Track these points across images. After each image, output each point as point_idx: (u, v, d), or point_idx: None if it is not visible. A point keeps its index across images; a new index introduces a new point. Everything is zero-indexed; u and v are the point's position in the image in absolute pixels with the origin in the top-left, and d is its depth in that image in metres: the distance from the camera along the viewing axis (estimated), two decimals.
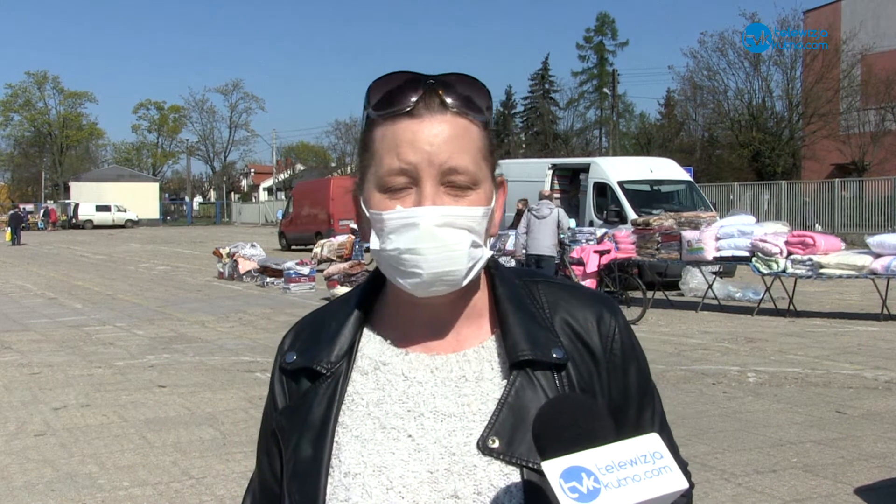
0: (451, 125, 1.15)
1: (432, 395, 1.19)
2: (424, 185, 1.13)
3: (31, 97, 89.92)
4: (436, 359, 1.21)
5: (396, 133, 1.14)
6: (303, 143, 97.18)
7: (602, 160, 21.05)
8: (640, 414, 1.26)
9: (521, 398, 1.15)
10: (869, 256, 12.33)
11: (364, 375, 1.23)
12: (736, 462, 5.87)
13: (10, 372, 9.52)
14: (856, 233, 26.35)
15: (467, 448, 1.14)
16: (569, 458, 0.97)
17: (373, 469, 1.15)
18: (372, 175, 1.17)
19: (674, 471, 0.98)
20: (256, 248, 21.43)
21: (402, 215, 1.13)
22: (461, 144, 1.14)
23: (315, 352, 1.25)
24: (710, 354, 10.15)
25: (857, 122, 38.33)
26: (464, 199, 1.14)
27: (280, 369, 1.29)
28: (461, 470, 1.13)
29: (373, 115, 1.17)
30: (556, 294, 1.26)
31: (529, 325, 1.20)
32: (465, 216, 1.14)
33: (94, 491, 5.48)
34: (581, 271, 13.80)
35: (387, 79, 1.18)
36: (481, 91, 1.19)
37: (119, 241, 43.88)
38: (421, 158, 1.13)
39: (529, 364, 1.17)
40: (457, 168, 1.13)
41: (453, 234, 1.13)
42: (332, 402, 1.21)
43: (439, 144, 1.13)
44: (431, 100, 1.15)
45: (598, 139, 68.64)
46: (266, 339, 11.50)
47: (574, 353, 1.20)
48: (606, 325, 1.24)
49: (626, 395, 1.24)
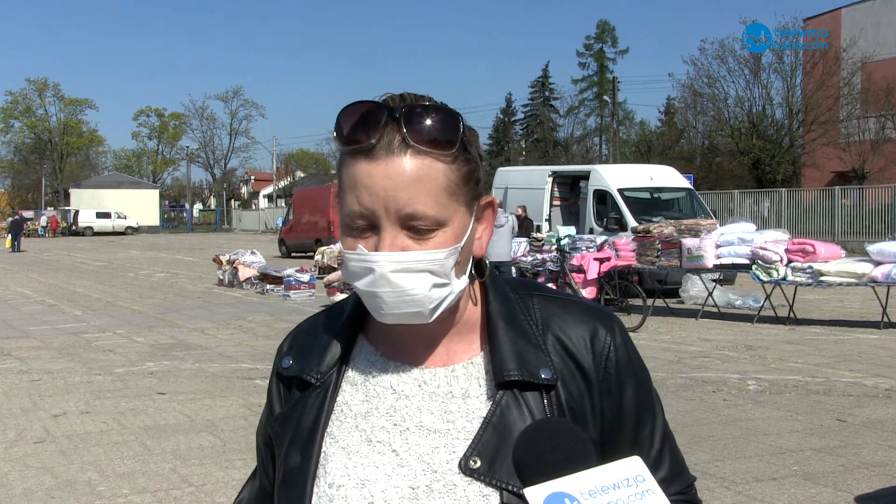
0: (410, 167, 1.09)
1: (419, 410, 1.18)
2: (383, 230, 1.10)
3: (31, 104, 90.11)
4: (424, 372, 1.21)
5: (355, 175, 1.11)
6: (303, 151, 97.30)
7: (602, 168, 21.07)
8: (638, 430, 1.23)
9: (505, 419, 1.14)
10: (869, 264, 12.33)
11: (354, 386, 1.23)
12: (736, 470, 5.86)
13: (9, 379, 9.51)
14: (856, 241, 26.36)
15: (449, 466, 1.13)
16: (551, 485, 0.98)
17: (356, 482, 1.15)
18: (340, 211, 1.15)
19: (657, 493, 0.99)
20: (256, 256, 21.42)
21: (360, 258, 1.12)
22: (421, 188, 1.09)
23: (307, 361, 1.26)
24: (711, 362, 10.14)
25: (857, 129, 38.35)
26: (427, 241, 1.11)
27: (277, 374, 1.30)
28: (441, 488, 1.12)
29: (339, 149, 1.15)
30: (549, 309, 1.23)
31: (519, 343, 1.18)
32: (423, 260, 1.11)
33: (93, 498, 5.47)
34: (581, 279, 13.81)
35: (350, 110, 1.14)
36: (450, 122, 1.13)
37: (119, 248, 43.90)
38: (377, 205, 1.09)
39: (517, 384, 1.16)
40: (415, 214, 1.09)
41: (410, 278, 1.10)
42: (320, 412, 1.21)
43: (395, 190, 1.08)
44: (392, 136, 1.10)
45: (598, 146, 68.74)
46: (266, 347, 11.49)
47: (565, 373, 1.18)
48: (601, 342, 1.21)
49: (622, 413, 1.22)
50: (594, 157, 63.60)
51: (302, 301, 17.48)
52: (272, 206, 79.14)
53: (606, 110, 66.11)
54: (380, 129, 1.10)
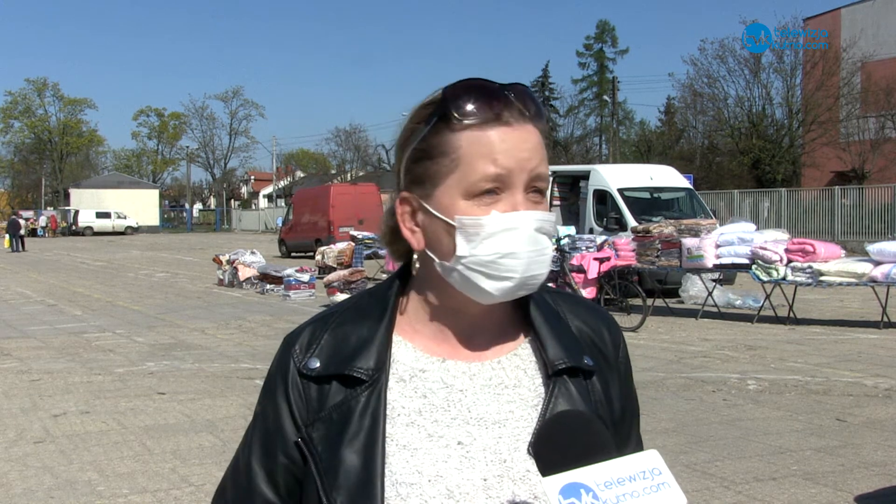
0: (533, 133, 1.18)
1: (474, 403, 1.20)
2: (516, 191, 1.15)
3: (31, 104, 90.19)
4: (472, 366, 1.22)
5: (490, 139, 1.15)
6: (303, 150, 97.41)
7: (602, 167, 21.05)
8: (634, 417, 1.31)
9: (559, 406, 1.18)
10: (869, 264, 12.33)
11: (401, 383, 1.21)
12: (736, 470, 5.86)
13: (9, 379, 9.51)
14: (856, 240, 26.35)
15: (518, 454, 1.16)
16: (568, 475, 0.98)
17: (429, 478, 1.14)
18: (455, 181, 1.15)
19: (672, 487, 0.99)
20: (256, 255, 21.42)
21: (504, 220, 1.15)
22: (541, 153, 1.18)
23: (345, 360, 1.20)
24: (710, 362, 10.14)
25: (857, 129, 38.36)
26: (541, 205, 1.18)
27: (300, 374, 1.22)
28: (515, 476, 1.15)
29: (458, 121, 1.16)
30: (566, 303, 1.30)
31: (561, 333, 1.24)
32: (550, 222, 1.19)
33: (93, 498, 5.47)
34: (581, 279, 13.80)
35: (467, 85, 1.18)
36: (539, 101, 1.22)
37: (119, 248, 43.90)
38: (515, 165, 1.15)
39: (565, 371, 1.21)
40: (541, 175, 1.18)
41: (544, 238, 1.17)
42: (377, 410, 1.17)
43: (530, 151, 1.16)
44: (513, 108, 1.17)
45: (598, 146, 68.77)
46: (266, 347, 11.49)
47: (599, 361, 1.25)
48: (614, 334, 1.30)
49: (630, 399, 1.30)
50: (594, 157, 63.63)
51: (302, 301, 17.47)
52: (272, 206, 79.11)
53: (606, 110, 66.13)
54: (503, 101, 1.17)
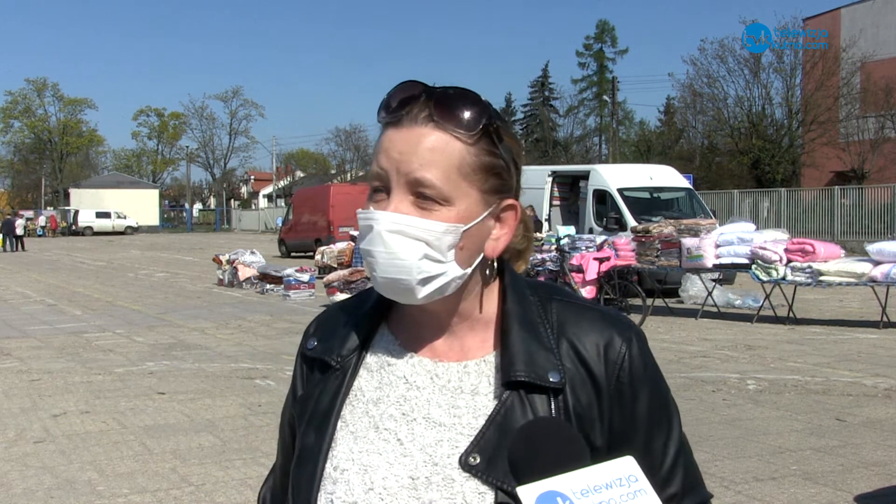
0: (428, 137, 1.14)
1: (427, 402, 1.20)
2: (396, 192, 1.15)
3: (30, 104, 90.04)
4: (438, 366, 1.23)
5: (380, 140, 1.19)
6: (303, 150, 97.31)
7: (602, 167, 21.06)
8: (650, 441, 1.21)
9: (509, 418, 1.14)
10: (868, 264, 12.33)
11: (370, 373, 1.26)
12: (735, 469, 5.86)
13: (9, 378, 9.51)
14: (855, 240, 26.34)
15: (450, 460, 1.14)
16: (544, 483, 0.98)
17: (359, 467, 1.17)
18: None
19: (649, 493, 0.99)
20: (256, 255, 21.41)
21: (364, 216, 1.17)
22: (433, 158, 1.13)
23: (330, 344, 1.28)
24: (710, 362, 10.14)
25: (857, 129, 38.35)
26: (431, 213, 1.13)
27: (301, 355, 1.33)
28: (440, 481, 1.14)
29: (380, 122, 1.21)
30: (567, 314, 1.23)
31: (531, 345, 1.18)
32: (419, 228, 1.13)
33: (93, 498, 5.47)
34: (581, 278, 13.80)
35: (396, 88, 1.20)
36: (476, 109, 1.16)
37: (119, 248, 43.89)
38: (390, 166, 1.15)
39: (523, 385, 1.16)
40: (422, 181, 1.13)
41: (403, 242, 1.13)
42: (336, 395, 1.24)
43: (409, 154, 1.14)
44: (421, 111, 1.15)
45: (597, 146, 68.78)
46: (266, 346, 11.50)
47: (575, 378, 1.18)
48: (616, 351, 1.20)
49: (634, 423, 1.20)
50: (594, 156, 63.65)
51: (302, 301, 17.48)
52: (272, 206, 79.10)
53: (606, 110, 66.16)
54: (412, 103, 1.17)
